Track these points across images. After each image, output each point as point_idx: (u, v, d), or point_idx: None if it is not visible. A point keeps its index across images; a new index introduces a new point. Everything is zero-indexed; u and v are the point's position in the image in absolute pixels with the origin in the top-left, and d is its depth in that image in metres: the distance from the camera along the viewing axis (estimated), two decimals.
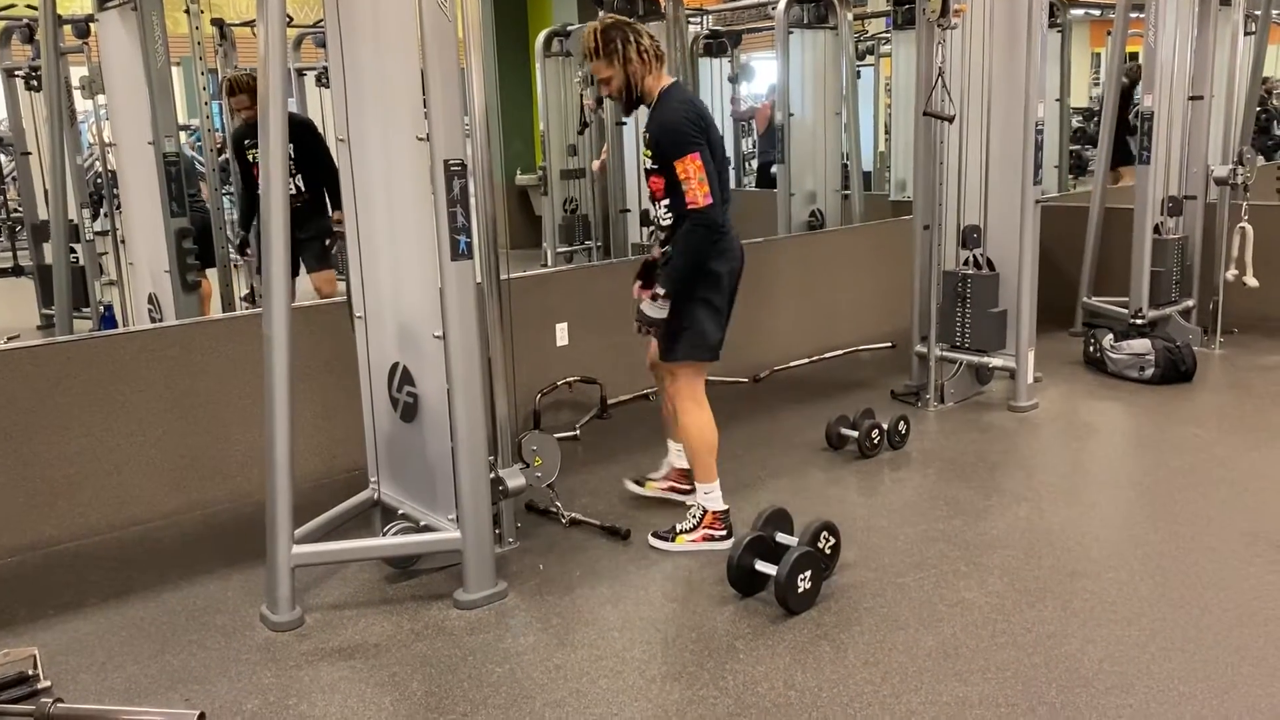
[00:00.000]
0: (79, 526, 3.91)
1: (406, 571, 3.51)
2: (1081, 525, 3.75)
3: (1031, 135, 4.91)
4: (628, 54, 3.41)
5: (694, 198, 3.32)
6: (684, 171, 3.31)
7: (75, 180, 7.25)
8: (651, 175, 3.51)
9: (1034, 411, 5.08)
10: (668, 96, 3.47)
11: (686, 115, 3.39)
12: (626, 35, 3.41)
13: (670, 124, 3.37)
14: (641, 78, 3.45)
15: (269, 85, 2.99)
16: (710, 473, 3.68)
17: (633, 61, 3.42)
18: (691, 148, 3.32)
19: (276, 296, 3.08)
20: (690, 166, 3.31)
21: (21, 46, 7.64)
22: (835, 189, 7.70)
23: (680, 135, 3.33)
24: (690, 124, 3.37)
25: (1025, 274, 5.06)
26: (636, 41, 3.41)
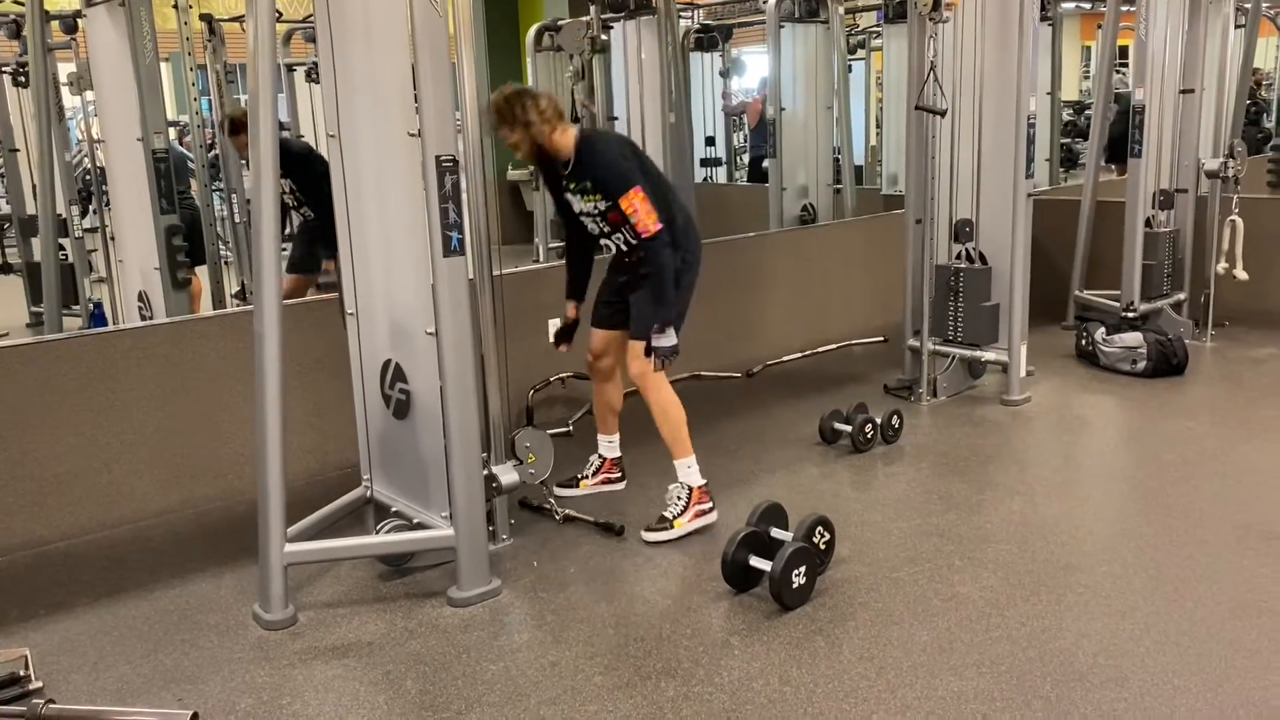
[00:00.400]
0: (70, 525, 3.89)
1: (400, 569, 3.49)
2: (1075, 519, 3.76)
3: (1024, 129, 4.91)
4: (528, 118, 3.53)
5: (645, 227, 3.55)
6: (630, 206, 3.54)
7: (64, 177, 7.23)
8: (609, 212, 3.69)
9: (1026, 405, 5.08)
10: (592, 141, 3.67)
11: (620, 152, 3.65)
12: (524, 101, 3.55)
13: (608, 163, 3.59)
14: (548, 135, 3.58)
15: (259, 81, 2.97)
16: (689, 446, 3.79)
17: (534, 124, 3.54)
18: (632, 182, 3.55)
19: (268, 292, 3.07)
20: (635, 200, 3.54)
21: (8, 42, 7.60)
22: (827, 183, 7.70)
23: (619, 172, 3.57)
24: (625, 159, 3.62)
25: (1018, 268, 5.06)
26: (535, 104, 3.55)
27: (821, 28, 7.54)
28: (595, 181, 3.62)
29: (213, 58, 8.41)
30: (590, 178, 3.63)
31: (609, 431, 4.19)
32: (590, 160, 3.62)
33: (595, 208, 3.68)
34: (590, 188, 3.64)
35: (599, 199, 3.65)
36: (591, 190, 3.64)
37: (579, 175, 3.65)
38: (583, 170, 3.64)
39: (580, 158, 3.63)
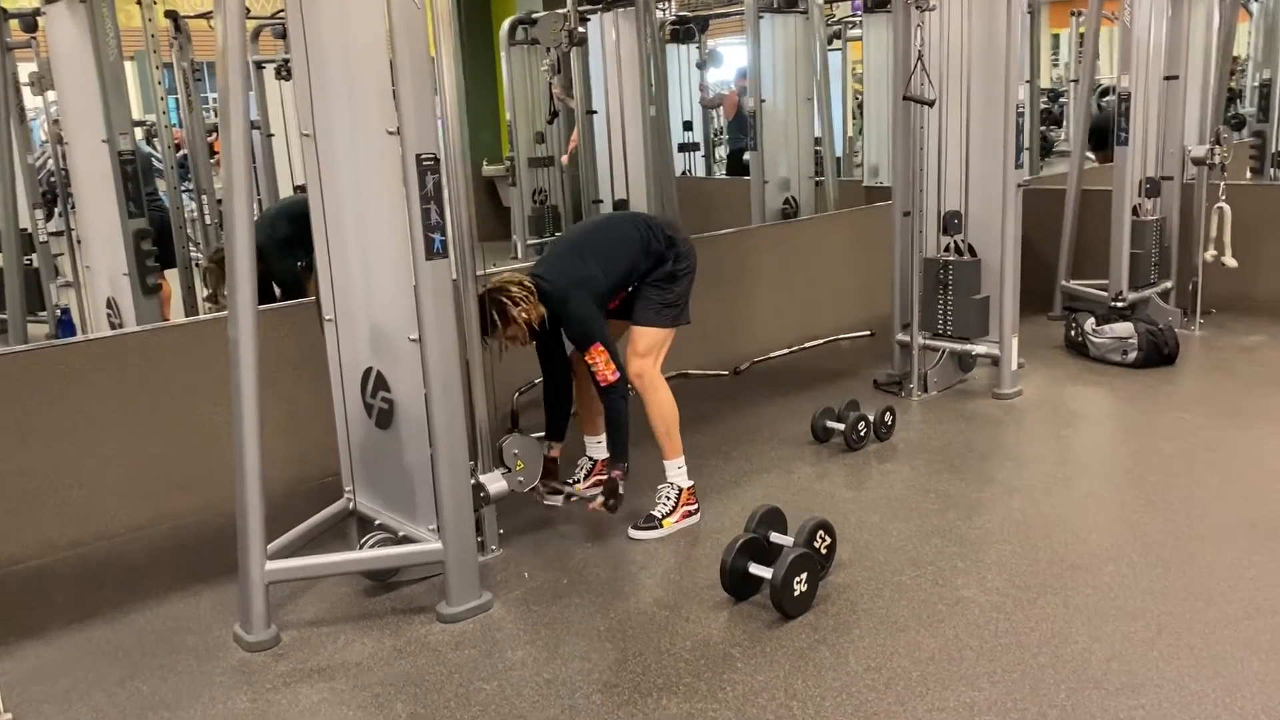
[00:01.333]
0: (40, 544, 3.74)
1: (386, 584, 3.37)
2: (1077, 516, 3.68)
3: (1013, 118, 4.82)
4: (513, 315, 3.52)
5: (604, 378, 3.59)
6: (591, 359, 3.58)
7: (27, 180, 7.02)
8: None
9: (1019, 399, 5.01)
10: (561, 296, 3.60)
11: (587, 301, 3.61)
12: (502, 307, 3.51)
13: (580, 319, 3.60)
14: (535, 316, 3.57)
15: (229, 79, 2.83)
16: (680, 447, 3.78)
17: (519, 318, 3.52)
18: (596, 338, 3.57)
19: (242, 295, 2.93)
20: (596, 355, 3.57)
21: None
22: (809, 176, 7.61)
23: (589, 327, 3.59)
24: (588, 305, 3.60)
25: (1008, 259, 4.98)
26: (508, 308, 3.51)
27: (801, 18, 7.43)
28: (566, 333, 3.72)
29: (179, 55, 8.23)
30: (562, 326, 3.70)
31: (596, 433, 4.09)
32: (560, 314, 3.63)
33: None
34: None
35: None
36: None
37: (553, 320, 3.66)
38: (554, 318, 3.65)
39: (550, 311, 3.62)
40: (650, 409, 3.75)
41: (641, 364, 3.73)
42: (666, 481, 3.77)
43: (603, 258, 3.69)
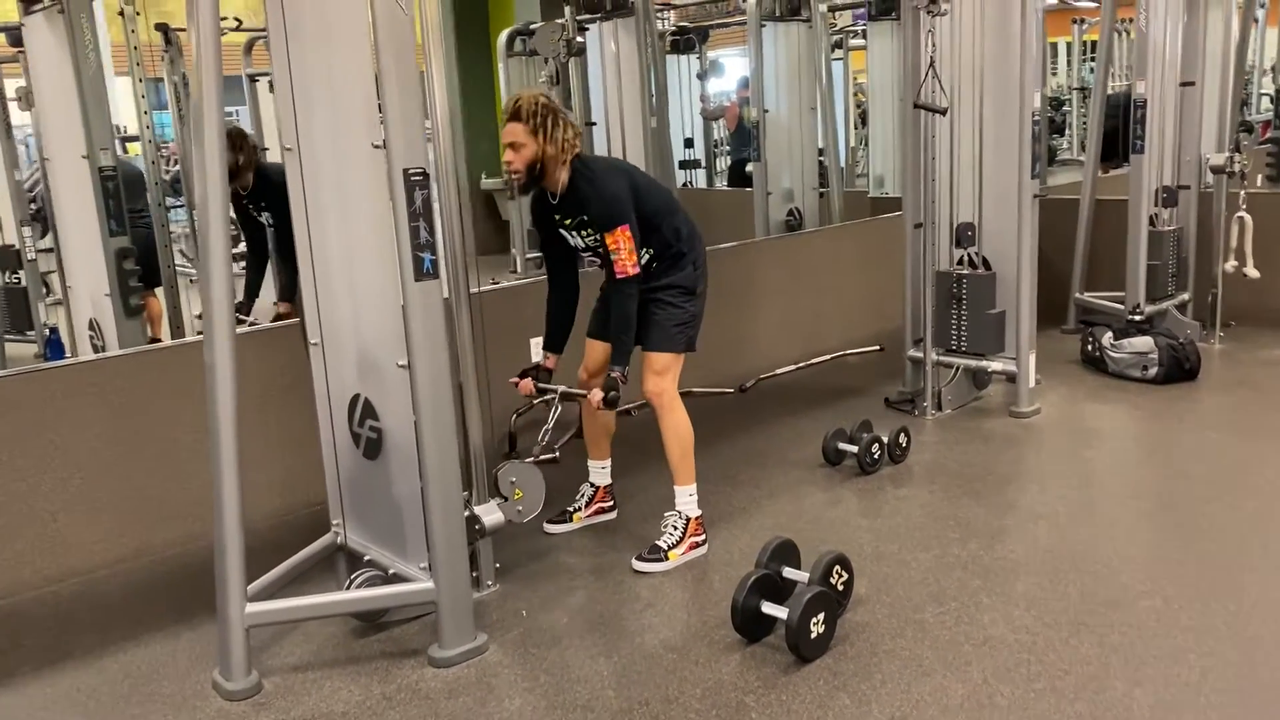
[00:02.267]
0: (11, 581, 3.55)
1: (376, 624, 3.17)
2: (1106, 545, 3.49)
3: (1029, 126, 4.65)
4: (554, 135, 3.34)
5: (623, 269, 3.38)
6: (615, 243, 3.37)
7: (15, 197, 6.85)
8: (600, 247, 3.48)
9: (1037, 417, 4.82)
10: (585, 173, 3.42)
11: (616, 184, 3.42)
12: (558, 119, 3.36)
13: (607, 196, 3.39)
14: (554, 165, 3.39)
15: (204, 92, 2.65)
16: (693, 474, 3.61)
17: (555, 143, 3.35)
18: (623, 219, 3.37)
19: (219, 318, 2.74)
20: (621, 238, 3.36)
21: None
22: (813, 186, 7.44)
23: (618, 207, 3.38)
24: (627, 191, 3.42)
25: (1024, 273, 4.80)
26: (566, 129, 3.37)
27: (804, 26, 7.26)
28: (590, 215, 3.43)
29: (170, 69, 8.07)
30: (585, 210, 3.43)
31: (601, 456, 3.90)
32: (585, 193, 3.41)
33: (596, 240, 3.48)
34: (586, 221, 3.46)
35: (594, 232, 3.45)
36: (588, 224, 3.46)
37: (574, 209, 3.46)
38: (576, 204, 3.45)
39: (573, 191, 3.43)
40: (667, 431, 3.58)
41: (659, 382, 3.55)
42: (674, 510, 3.58)
43: (638, 187, 3.51)
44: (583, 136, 3.46)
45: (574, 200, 3.44)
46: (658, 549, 3.50)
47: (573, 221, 3.50)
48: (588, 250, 3.56)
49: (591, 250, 3.54)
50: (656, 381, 3.53)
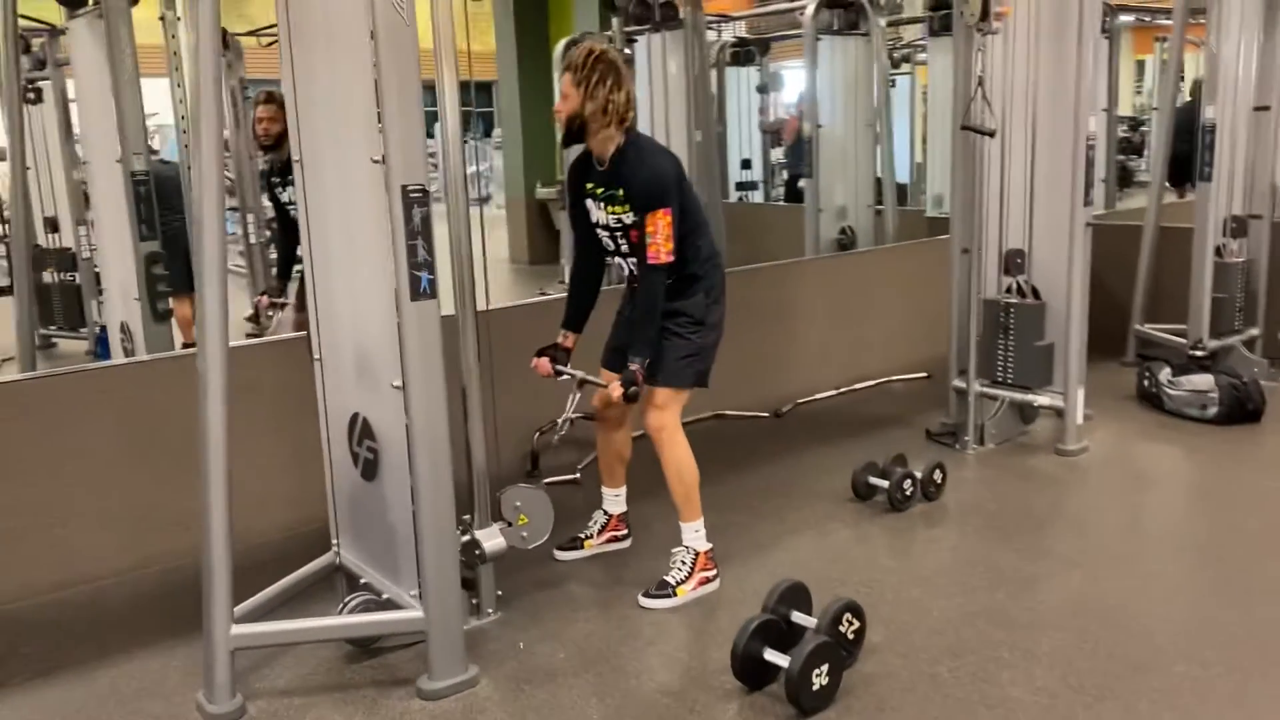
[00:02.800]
0: (19, 586, 3.53)
1: (369, 649, 3.08)
2: (1143, 601, 3.27)
3: (1083, 150, 4.42)
4: (597, 92, 3.17)
5: (657, 253, 3.20)
6: (653, 225, 3.18)
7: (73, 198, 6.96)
8: (632, 230, 3.28)
9: (1084, 456, 4.58)
10: (639, 150, 3.27)
11: (670, 167, 3.26)
12: (607, 75, 3.18)
13: (658, 174, 3.21)
14: (595, 125, 3.22)
15: (203, 93, 2.59)
16: (699, 509, 3.44)
17: (597, 101, 3.17)
18: (669, 201, 3.19)
19: (212, 323, 2.67)
20: (661, 221, 3.18)
21: None
22: (868, 204, 7.26)
23: (665, 187, 3.20)
24: (675, 179, 3.26)
25: (1075, 304, 4.57)
26: (615, 90, 3.18)
27: (862, 40, 7.10)
28: (629, 190, 3.21)
29: (228, 73, 8.16)
30: (626, 185, 3.21)
31: (616, 484, 3.77)
32: (635, 167, 3.21)
33: (619, 220, 3.28)
34: (621, 196, 3.24)
35: (625, 211, 3.24)
36: (622, 200, 3.24)
37: (612, 181, 3.24)
38: (620, 176, 3.23)
39: (622, 162, 3.23)
40: (669, 468, 3.42)
41: (661, 417, 3.39)
42: (682, 545, 3.44)
43: (683, 185, 3.33)
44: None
45: (615, 171, 3.23)
46: (665, 584, 3.37)
47: (604, 192, 3.27)
48: (605, 228, 3.33)
49: (610, 230, 3.32)
50: (657, 416, 3.37)
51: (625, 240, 3.30)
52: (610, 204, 3.27)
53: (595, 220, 3.35)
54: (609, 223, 3.31)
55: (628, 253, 3.32)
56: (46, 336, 7.48)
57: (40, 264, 7.20)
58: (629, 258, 3.34)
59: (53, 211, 7.25)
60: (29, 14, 6.52)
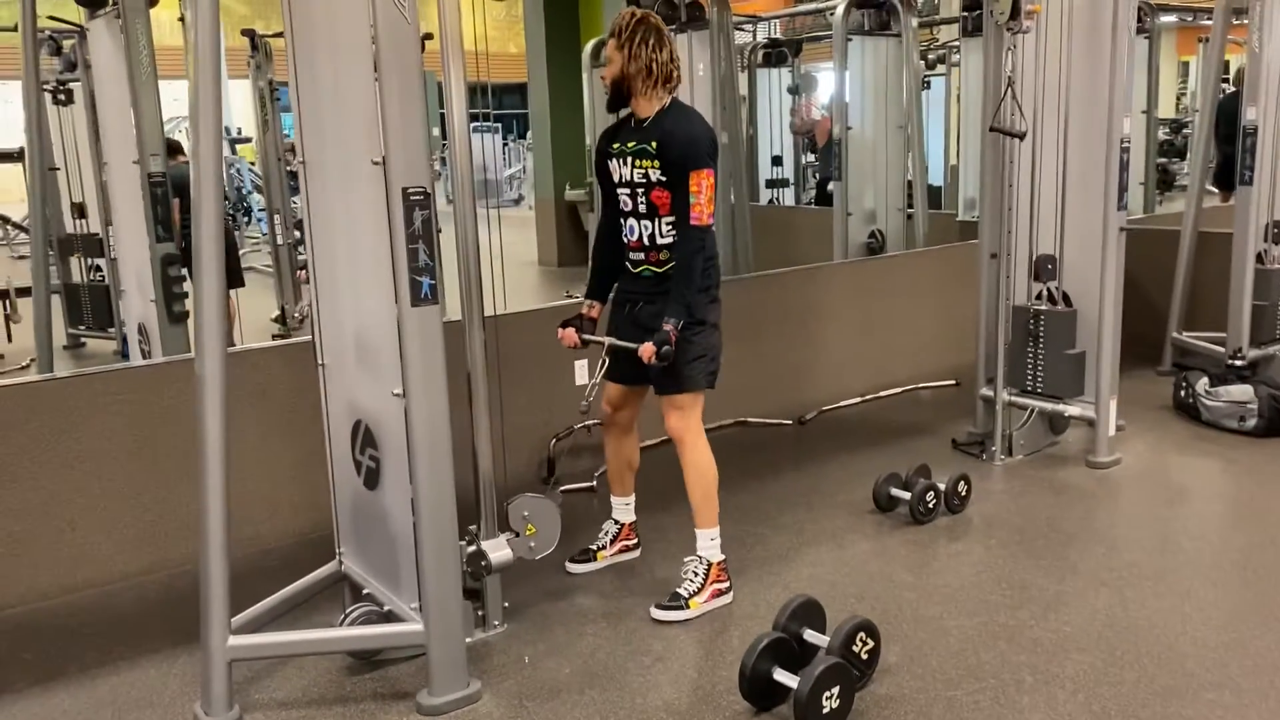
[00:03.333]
0: (26, 589, 3.51)
1: (371, 661, 3.02)
2: (1174, 622, 3.13)
3: (1116, 154, 4.28)
4: (639, 52, 3.14)
5: (700, 214, 3.14)
6: (697, 185, 3.12)
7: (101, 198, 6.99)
8: (655, 189, 3.20)
9: (1116, 468, 4.44)
10: (680, 109, 3.27)
11: (711, 134, 3.24)
12: (649, 36, 3.16)
13: (697, 135, 3.18)
14: (639, 87, 3.19)
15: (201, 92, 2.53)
16: (716, 516, 3.36)
17: (639, 60, 3.14)
18: (712, 164, 3.16)
19: (209, 325, 2.61)
20: (705, 181, 3.13)
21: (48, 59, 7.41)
22: (898, 208, 7.13)
23: (706, 147, 3.17)
24: (713, 143, 3.23)
25: (1107, 311, 4.43)
26: (657, 50, 3.17)
27: (894, 41, 6.97)
28: (664, 145, 3.13)
29: (256, 74, 8.17)
30: (660, 140, 3.14)
31: (625, 492, 3.69)
32: (674, 124, 3.16)
33: (644, 176, 3.19)
34: (653, 150, 3.15)
35: (654, 167, 3.16)
36: (653, 154, 3.16)
37: (647, 136, 3.17)
38: (655, 130, 3.16)
39: (662, 119, 3.18)
40: (689, 471, 3.34)
41: (683, 419, 3.30)
42: (695, 554, 3.36)
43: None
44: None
45: (654, 127, 3.17)
46: (678, 597, 3.28)
47: (634, 146, 3.18)
48: (627, 185, 3.23)
49: (631, 186, 3.22)
50: (679, 418, 3.29)
51: (645, 199, 3.22)
52: (639, 159, 3.20)
53: (618, 178, 3.27)
54: (632, 178, 3.23)
55: (644, 213, 3.24)
56: (76, 336, 7.53)
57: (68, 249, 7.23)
58: (644, 219, 3.25)
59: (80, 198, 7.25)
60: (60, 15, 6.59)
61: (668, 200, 3.19)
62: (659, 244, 3.25)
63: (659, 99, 3.20)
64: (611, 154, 3.28)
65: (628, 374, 3.40)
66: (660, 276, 3.27)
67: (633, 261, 3.33)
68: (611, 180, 3.30)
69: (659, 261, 3.26)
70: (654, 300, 3.27)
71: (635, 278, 3.34)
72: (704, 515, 3.35)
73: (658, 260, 3.27)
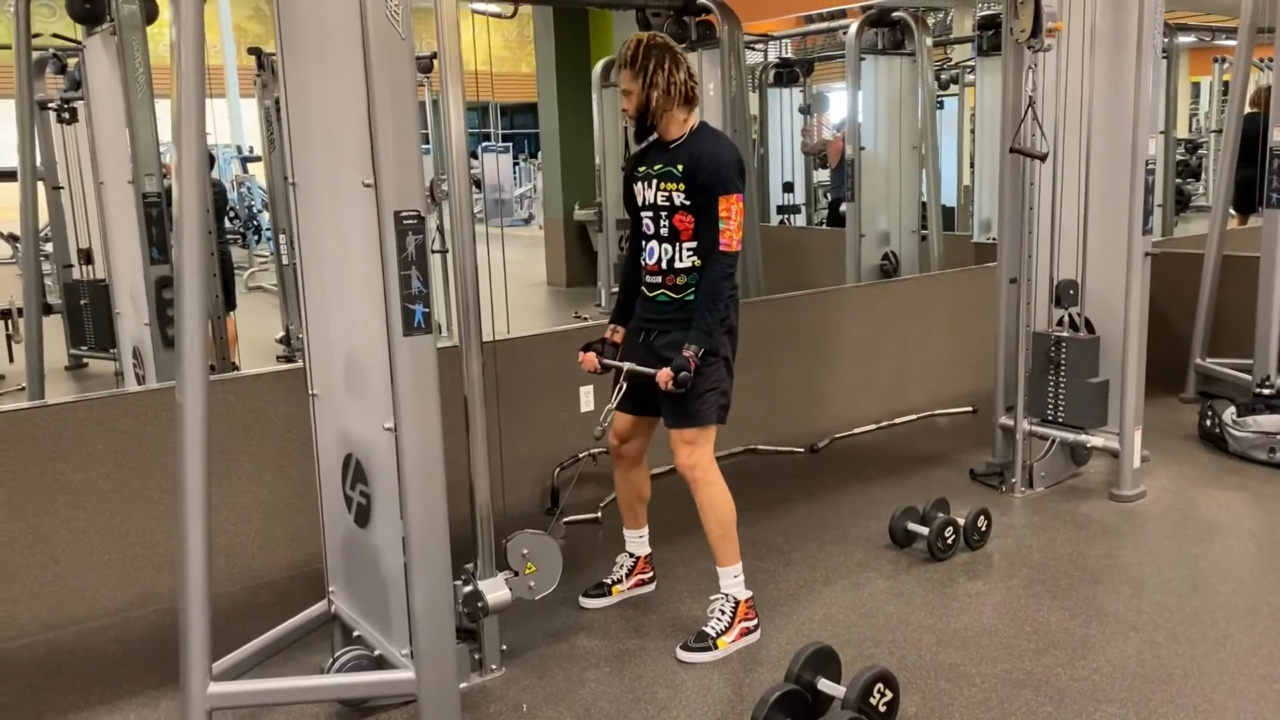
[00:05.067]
0: (6, 626, 3.37)
1: (360, 708, 2.87)
2: (1210, 670, 2.96)
3: (1141, 175, 4.14)
4: (655, 79, 3.06)
5: (730, 240, 3.06)
6: (727, 210, 3.05)
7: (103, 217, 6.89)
8: (678, 213, 3.11)
9: (1141, 502, 4.27)
10: (709, 132, 3.20)
11: (739, 158, 3.15)
12: (663, 59, 3.08)
13: (726, 158, 3.09)
14: (662, 110, 3.09)
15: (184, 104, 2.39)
16: (738, 552, 3.24)
17: (658, 87, 3.07)
18: (741, 187, 3.09)
19: (191, 352, 2.47)
20: (735, 206, 3.06)
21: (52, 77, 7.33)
22: (912, 230, 6.98)
23: (735, 171, 3.09)
24: (742, 167, 3.14)
25: (1132, 339, 4.27)
26: (674, 70, 3.08)
27: (907, 60, 6.85)
28: (692, 169, 3.06)
29: (263, 92, 8.09)
30: (687, 163, 3.07)
31: (638, 525, 3.54)
32: (702, 147, 3.09)
33: (667, 199, 3.11)
34: (678, 173, 3.08)
35: (678, 190, 3.08)
36: (678, 177, 3.08)
37: (673, 158, 3.11)
38: (682, 153, 3.10)
39: (690, 142, 3.12)
40: (704, 507, 3.19)
41: (693, 454, 3.16)
42: (720, 593, 3.21)
43: None
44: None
45: (681, 151, 3.10)
46: (705, 636, 3.13)
47: (660, 169, 3.11)
48: (650, 208, 3.15)
49: (654, 209, 3.13)
50: (689, 453, 3.15)
51: (667, 223, 3.13)
52: (664, 181, 3.11)
53: (641, 201, 3.19)
54: (655, 201, 3.14)
55: (665, 236, 3.14)
56: (78, 356, 7.41)
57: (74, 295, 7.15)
58: (664, 242, 3.15)
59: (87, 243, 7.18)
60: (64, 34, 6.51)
61: (690, 225, 3.10)
62: (677, 268, 3.13)
63: (684, 119, 3.12)
64: (637, 176, 3.20)
65: (637, 404, 3.27)
66: (677, 303, 3.15)
67: (649, 285, 3.21)
68: (636, 203, 3.22)
69: (676, 286, 3.15)
70: (669, 329, 3.15)
71: (651, 302, 3.22)
72: (724, 553, 3.21)
73: (674, 285, 3.15)
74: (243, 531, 3.75)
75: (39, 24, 5.33)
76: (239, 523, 3.74)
